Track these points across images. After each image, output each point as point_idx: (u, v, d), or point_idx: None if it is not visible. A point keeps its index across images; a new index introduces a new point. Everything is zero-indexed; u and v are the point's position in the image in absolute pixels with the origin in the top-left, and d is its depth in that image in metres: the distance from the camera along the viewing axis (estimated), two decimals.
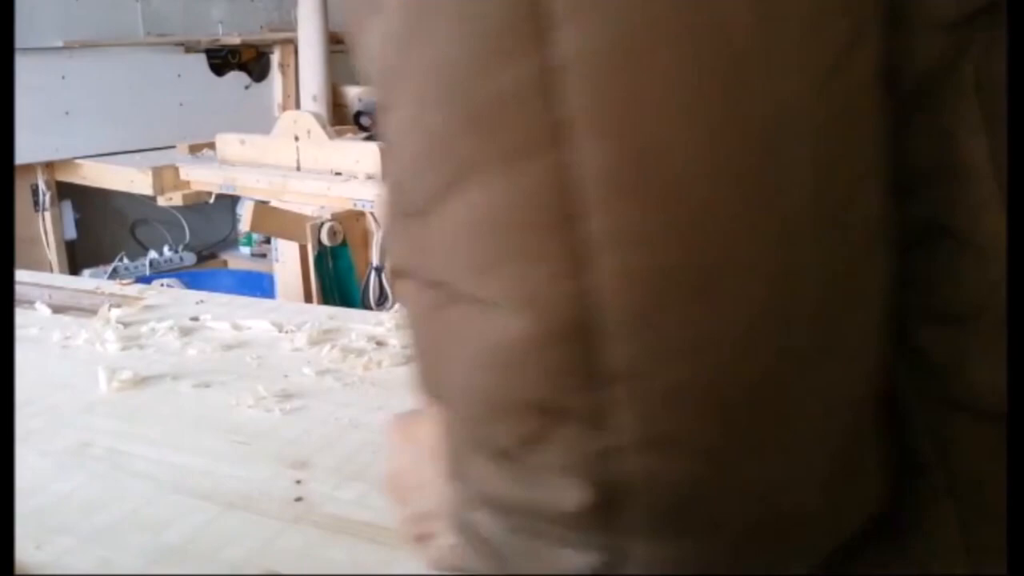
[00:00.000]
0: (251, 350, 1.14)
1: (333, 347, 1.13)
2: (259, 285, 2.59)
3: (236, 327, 1.23)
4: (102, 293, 1.44)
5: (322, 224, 2.12)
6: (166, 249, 2.78)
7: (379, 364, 1.10)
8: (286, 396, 0.99)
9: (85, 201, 2.63)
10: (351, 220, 2.18)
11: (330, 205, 2.18)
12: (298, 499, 0.76)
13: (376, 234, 2.16)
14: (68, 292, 1.47)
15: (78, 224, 2.62)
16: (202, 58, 2.75)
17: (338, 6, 2.98)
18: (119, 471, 0.84)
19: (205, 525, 0.73)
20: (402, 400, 0.97)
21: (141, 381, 1.04)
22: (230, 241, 2.98)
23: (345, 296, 2.20)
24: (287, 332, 1.19)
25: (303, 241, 2.14)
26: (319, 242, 2.13)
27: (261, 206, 2.14)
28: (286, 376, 1.05)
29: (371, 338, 1.18)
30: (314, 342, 1.14)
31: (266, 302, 1.39)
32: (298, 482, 0.79)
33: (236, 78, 2.86)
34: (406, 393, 1.00)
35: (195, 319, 1.27)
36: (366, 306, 2.15)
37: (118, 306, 1.33)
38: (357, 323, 1.24)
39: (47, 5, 2.39)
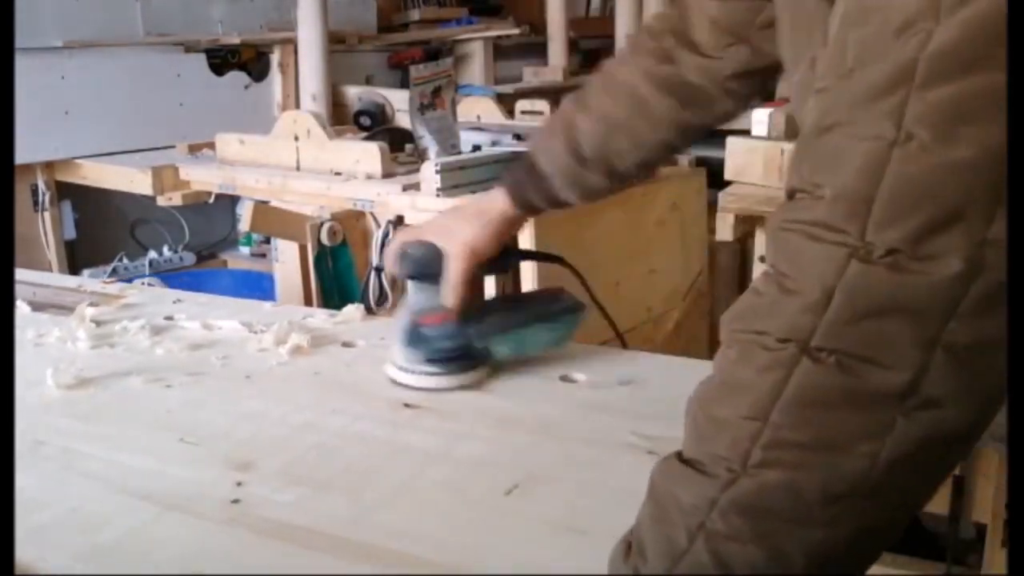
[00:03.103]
0: (218, 350, 1.14)
1: (298, 348, 1.12)
2: (259, 285, 2.59)
3: (207, 327, 1.22)
4: (83, 291, 1.44)
5: (322, 224, 2.12)
6: (166, 249, 2.79)
7: (347, 366, 1.09)
8: (245, 397, 0.99)
9: (85, 201, 2.64)
10: (351, 220, 2.17)
11: (330, 205, 2.17)
12: (235, 501, 0.75)
13: (376, 234, 2.16)
14: (51, 290, 1.47)
15: (78, 224, 2.63)
16: (202, 58, 2.76)
17: (338, 6, 2.98)
18: (68, 471, 0.83)
19: (141, 526, 0.73)
20: (362, 402, 0.96)
21: (103, 380, 1.04)
22: (230, 241, 2.98)
23: (345, 296, 2.19)
24: (257, 332, 1.19)
25: (303, 241, 2.13)
26: (319, 242, 2.12)
27: (261, 206, 2.14)
28: (248, 377, 1.05)
29: (338, 339, 1.17)
30: (280, 343, 1.13)
31: (243, 302, 1.38)
32: (239, 484, 0.79)
33: (236, 78, 2.87)
34: (368, 395, 0.99)
35: (169, 318, 1.27)
36: (366, 306, 2.14)
37: (96, 304, 1.33)
38: (327, 324, 1.23)
39: (47, 5, 2.40)
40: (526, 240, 1.87)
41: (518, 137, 2.39)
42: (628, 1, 3.36)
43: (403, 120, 2.69)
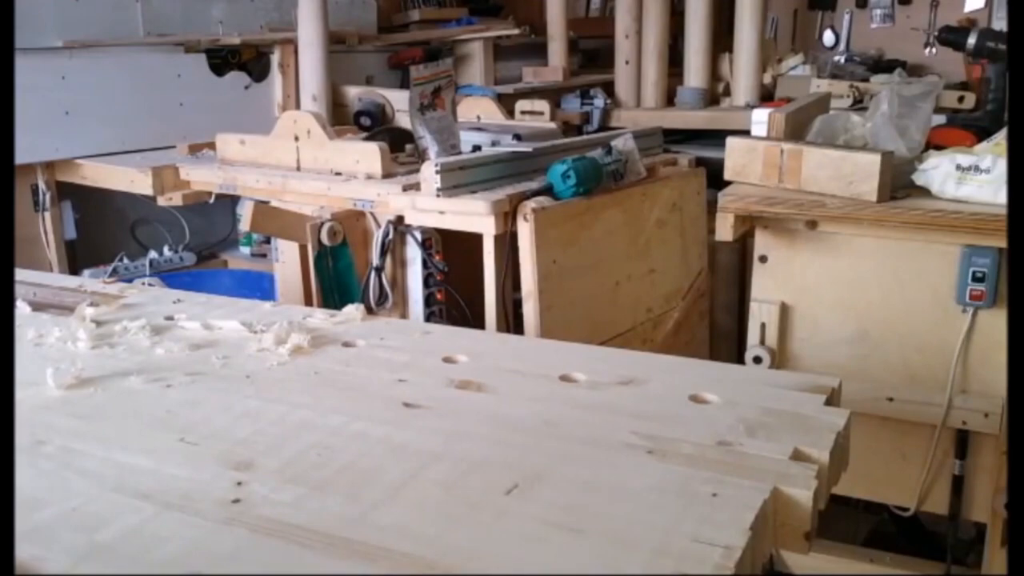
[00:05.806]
0: (218, 350, 1.14)
1: (298, 348, 1.12)
2: (259, 285, 2.59)
3: (207, 327, 1.22)
4: (84, 291, 1.44)
5: (322, 224, 2.12)
6: (166, 249, 2.79)
7: (346, 365, 1.09)
8: (244, 396, 0.99)
9: (85, 201, 2.64)
10: (351, 220, 2.17)
11: (330, 205, 2.18)
12: (235, 500, 0.75)
13: (376, 234, 2.16)
14: (51, 290, 1.47)
15: (78, 224, 2.63)
16: (202, 58, 2.76)
17: (338, 6, 2.98)
18: (67, 469, 0.83)
19: (140, 525, 0.73)
20: (361, 402, 0.96)
21: (103, 380, 1.04)
22: (230, 241, 2.98)
23: (345, 296, 2.19)
24: (257, 332, 1.19)
25: (303, 241, 2.13)
26: (319, 242, 2.12)
27: (261, 206, 2.14)
28: (248, 377, 1.05)
29: (338, 339, 1.17)
30: (280, 343, 1.13)
31: (243, 302, 1.38)
32: (239, 483, 0.79)
33: (236, 78, 2.87)
34: (367, 395, 1.00)
35: (170, 318, 1.27)
36: (366, 306, 2.14)
37: (96, 305, 1.33)
38: (327, 324, 1.23)
39: (47, 5, 2.39)
40: (526, 240, 1.87)
41: (518, 137, 2.39)
42: (628, 1, 3.36)
43: (403, 120, 2.69)
